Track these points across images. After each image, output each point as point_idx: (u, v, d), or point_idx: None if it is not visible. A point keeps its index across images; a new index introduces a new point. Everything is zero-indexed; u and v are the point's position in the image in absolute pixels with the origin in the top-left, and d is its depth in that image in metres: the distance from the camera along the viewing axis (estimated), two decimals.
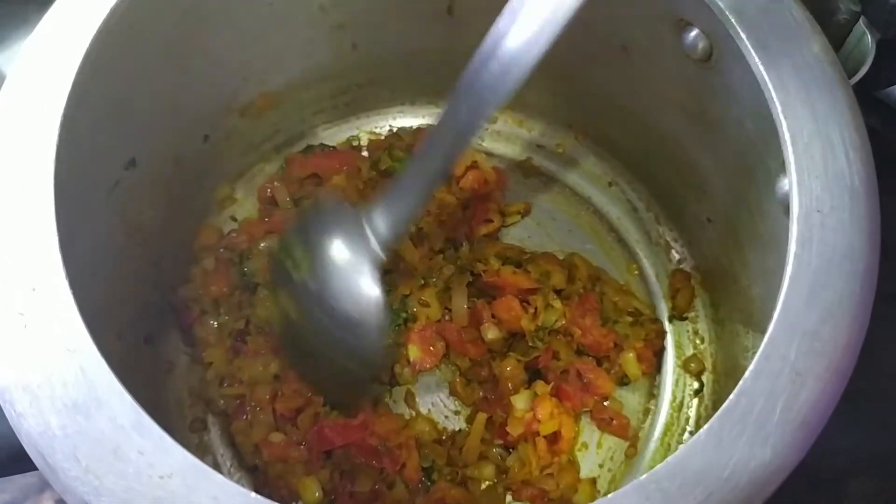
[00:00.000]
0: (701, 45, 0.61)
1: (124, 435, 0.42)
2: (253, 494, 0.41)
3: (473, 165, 0.79)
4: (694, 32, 0.61)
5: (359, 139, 0.86)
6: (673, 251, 0.80)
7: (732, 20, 0.53)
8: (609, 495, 0.41)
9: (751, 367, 0.44)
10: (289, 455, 0.69)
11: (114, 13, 0.53)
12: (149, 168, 0.67)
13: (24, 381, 0.43)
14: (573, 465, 0.72)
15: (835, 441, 0.45)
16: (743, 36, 0.52)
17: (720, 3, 0.53)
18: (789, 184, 0.49)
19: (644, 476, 0.41)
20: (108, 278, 0.62)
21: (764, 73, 0.51)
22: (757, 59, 0.51)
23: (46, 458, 0.42)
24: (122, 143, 0.63)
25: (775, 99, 0.50)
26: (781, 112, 0.50)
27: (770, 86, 0.50)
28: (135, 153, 0.64)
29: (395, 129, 0.86)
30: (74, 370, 0.43)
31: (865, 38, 0.54)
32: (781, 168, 0.55)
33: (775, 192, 0.56)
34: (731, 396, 0.43)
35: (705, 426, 0.42)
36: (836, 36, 0.54)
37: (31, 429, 0.42)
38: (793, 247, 0.47)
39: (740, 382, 0.43)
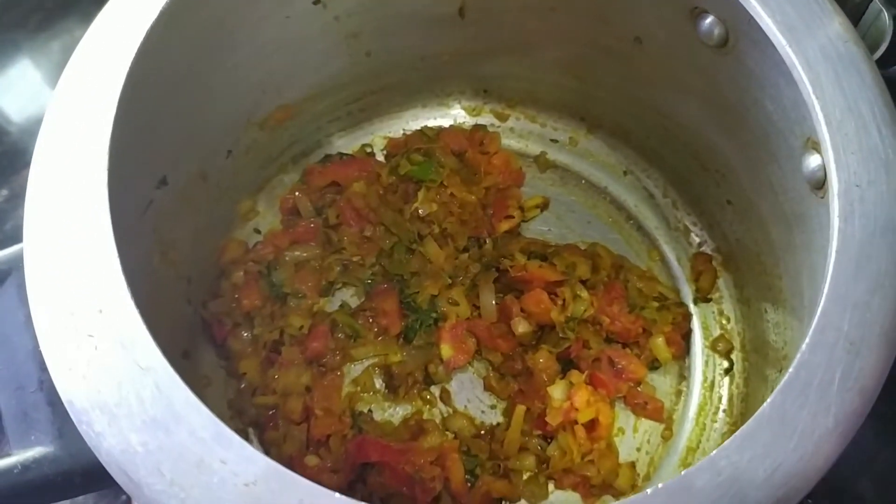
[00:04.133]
0: (717, 31, 0.63)
1: (206, 447, 0.43)
2: (337, 495, 0.42)
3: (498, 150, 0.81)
4: (709, 19, 0.63)
5: (372, 145, 0.87)
6: (693, 235, 0.82)
7: (754, 3, 0.54)
8: (682, 472, 0.42)
9: (806, 341, 0.45)
10: (322, 480, 0.70)
11: (149, 36, 0.54)
12: (178, 186, 0.67)
13: (100, 402, 0.44)
14: (612, 450, 0.74)
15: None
16: (767, 18, 0.54)
17: None
18: (825, 161, 0.51)
19: (714, 452, 0.42)
20: (146, 297, 0.63)
21: (791, 54, 0.52)
22: (783, 41, 0.53)
23: (130, 475, 0.42)
24: (155, 163, 0.63)
25: (805, 79, 0.52)
26: (812, 92, 0.51)
27: (798, 66, 0.52)
28: (166, 172, 0.65)
29: (408, 133, 0.87)
30: (150, 387, 0.44)
31: (882, 16, 0.56)
32: (806, 146, 0.57)
33: (801, 170, 0.58)
34: (791, 370, 0.44)
35: (768, 399, 0.44)
36: (853, 15, 0.56)
37: (111, 447, 0.43)
38: (835, 222, 0.48)
39: (797, 355, 0.45)
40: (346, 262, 0.79)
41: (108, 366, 0.45)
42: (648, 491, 0.41)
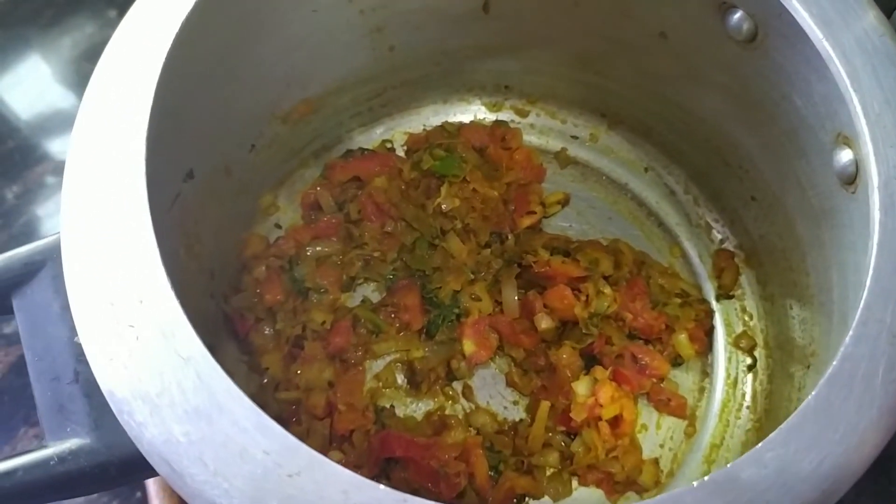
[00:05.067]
0: (746, 26, 0.63)
1: (249, 437, 0.42)
2: (382, 486, 0.41)
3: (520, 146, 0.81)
4: (738, 14, 0.63)
5: (393, 141, 0.87)
6: (714, 231, 0.82)
7: None
8: (728, 465, 0.42)
9: (850, 333, 0.45)
10: None
11: (184, 27, 0.54)
12: (204, 179, 0.67)
13: (142, 392, 0.43)
14: (636, 446, 0.74)
15: None
16: (803, 12, 0.54)
17: None
18: (861, 155, 0.51)
19: (760, 444, 0.42)
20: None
21: (828, 47, 0.52)
22: (820, 34, 0.53)
23: (172, 465, 0.42)
24: (183, 155, 0.63)
25: (842, 72, 0.52)
26: (850, 85, 0.51)
27: (836, 59, 0.52)
28: (192, 165, 0.65)
29: (428, 128, 0.87)
30: (192, 377, 0.44)
31: None
32: (836, 141, 0.57)
33: (832, 165, 0.58)
34: (835, 362, 0.44)
35: (813, 392, 0.44)
36: (885, 8, 0.56)
37: (153, 437, 0.43)
38: (876, 215, 0.48)
39: (841, 348, 0.45)
40: (367, 258, 0.79)
41: (149, 356, 0.44)
42: (695, 483, 0.41)
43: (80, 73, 1.06)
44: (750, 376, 0.76)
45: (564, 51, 0.80)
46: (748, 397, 0.75)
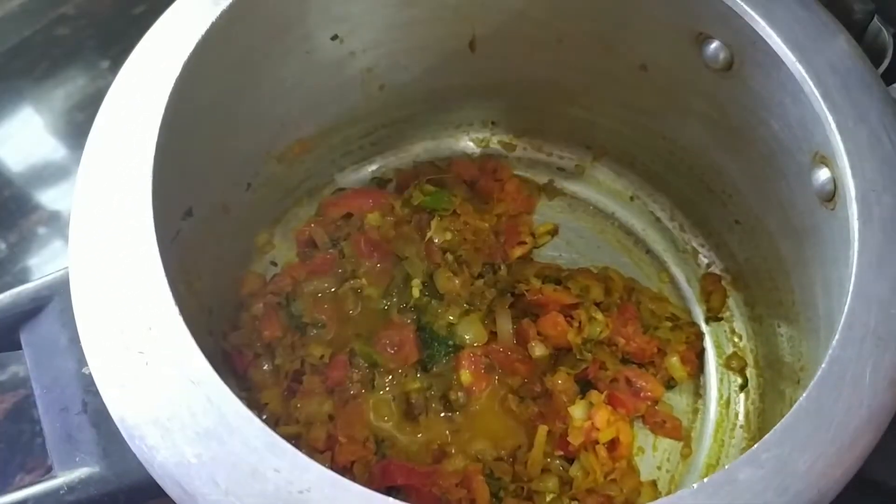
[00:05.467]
0: (722, 55, 0.66)
1: (259, 456, 0.43)
2: (391, 500, 0.42)
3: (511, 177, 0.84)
4: (714, 44, 0.66)
5: (384, 178, 0.89)
6: (701, 256, 0.84)
7: (763, 23, 0.57)
8: (726, 466, 0.43)
9: (836, 337, 0.47)
10: None
11: (183, 73, 0.56)
12: (202, 217, 0.68)
13: (153, 416, 0.44)
14: (633, 469, 0.75)
15: None
16: (776, 38, 0.56)
17: (750, 12, 0.58)
18: (837, 172, 0.53)
19: (756, 445, 0.44)
20: None
21: (802, 70, 0.55)
22: (793, 58, 0.55)
23: (184, 487, 0.43)
24: (183, 193, 0.65)
25: (817, 93, 0.54)
26: (825, 105, 0.54)
27: (810, 82, 0.55)
28: (191, 203, 0.66)
29: (419, 164, 0.89)
30: (201, 400, 0.45)
31: (882, 35, 0.59)
32: (814, 161, 0.59)
33: (810, 185, 0.60)
34: (824, 365, 0.46)
35: (804, 394, 0.45)
36: (854, 33, 0.59)
37: (165, 460, 0.44)
38: (855, 224, 0.50)
39: (829, 351, 0.46)
40: (362, 292, 0.81)
41: (159, 381, 0.45)
42: (695, 486, 0.42)
43: (72, 124, 1.08)
44: (742, 396, 0.78)
45: (549, 86, 0.83)
46: (741, 417, 0.77)
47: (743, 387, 0.78)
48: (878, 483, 0.62)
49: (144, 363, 0.46)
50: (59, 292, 0.54)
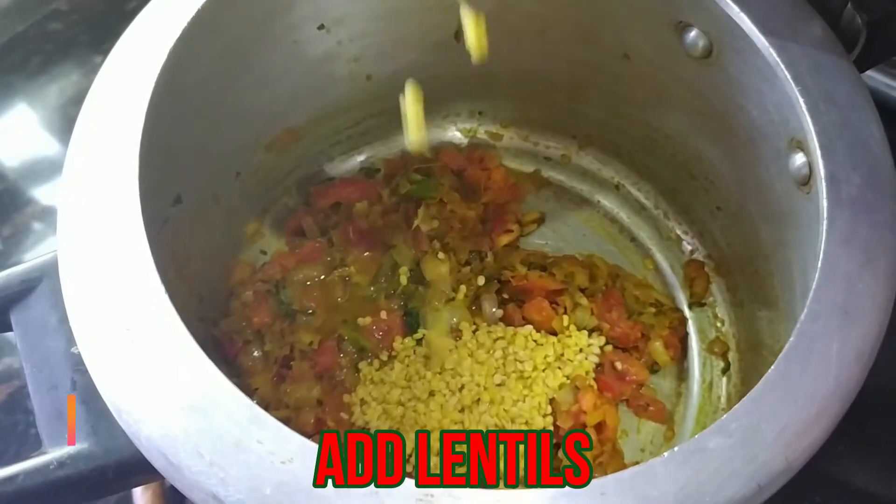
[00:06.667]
0: (701, 43, 0.67)
1: (242, 428, 0.44)
2: None
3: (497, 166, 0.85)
4: (693, 32, 0.67)
5: (372, 167, 0.90)
6: (684, 243, 0.85)
7: (738, 10, 0.58)
8: (695, 436, 0.44)
9: (804, 311, 0.48)
10: None
11: (169, 61, 0.57)
12: (192, 205, 0.70)
13: (139, 392, 0.46)
14: (618, 452, 0.76)
15: None
16: (752, 25, 0.58)
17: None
18: (810, 152, 0.55)
19: (725, 415, 0.45)
20: None
21: (776, 55, 0.56)
22: (767, 44, 0.57)
23: (170, 459, 0.44)
24: (171, 180, 0.66)
25: (788, 77, 0.55)
26: (795, 87, 0.55)
27: (783, 66, 0.56)
28: (180, 190, 0.67)
29: (406, 154, 0.90)
30: (187, 376, 0.46)
31: (856, 20, 0.60)
32: (790, 146, 0.61)
33: (788, 169, 0.62)
34: (792, 338, 0.47)
35: (773, 367, 0.46)
36: (829, 20, 0.60)
37: (151, 433, 0.45)
38: (824, 203, 0.52)
39: (797, 325, 0.48)
40: (350, 280, 0.82)
41: (145, 357, 0.47)
42: (665, 454, 0.44)
43: (65, 119, 1.09)
44: (724, 379, 0.79)
45: (534, 76, 0.84)
46: (723, 400, 0.78)
47: (725, 370, 0.79)
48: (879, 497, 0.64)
49: (131, 340, 0.47)
50: (48, 274, 0.56)
